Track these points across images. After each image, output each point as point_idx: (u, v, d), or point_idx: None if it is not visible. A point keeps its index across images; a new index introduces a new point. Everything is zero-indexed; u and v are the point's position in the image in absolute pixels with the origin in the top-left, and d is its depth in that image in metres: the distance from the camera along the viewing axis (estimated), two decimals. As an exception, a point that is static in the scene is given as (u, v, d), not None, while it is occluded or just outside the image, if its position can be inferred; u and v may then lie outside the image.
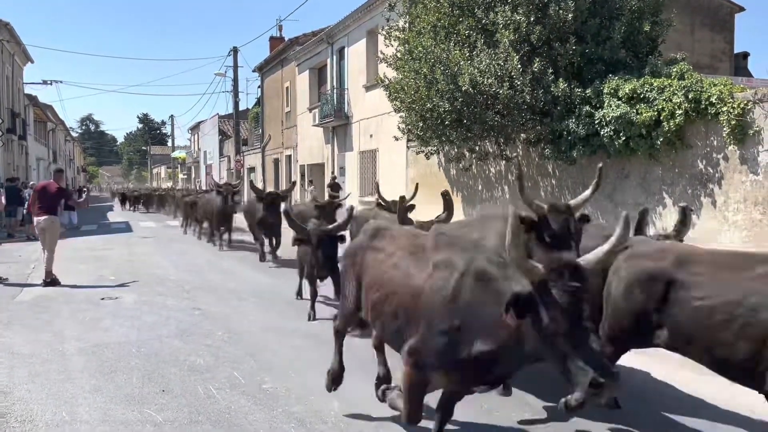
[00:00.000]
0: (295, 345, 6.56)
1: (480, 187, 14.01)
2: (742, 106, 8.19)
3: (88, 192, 22.04)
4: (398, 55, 13.03)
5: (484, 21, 10.96)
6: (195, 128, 51.47)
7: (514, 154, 12.48)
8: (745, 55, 18.50)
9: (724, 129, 8.42)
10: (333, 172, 21.88)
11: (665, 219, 9.48)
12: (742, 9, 17.61)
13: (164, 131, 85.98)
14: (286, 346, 6.53)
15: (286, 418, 4.53)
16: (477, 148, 12.72)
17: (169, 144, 67.90)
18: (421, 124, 12.48)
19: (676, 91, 8.90)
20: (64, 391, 5.12)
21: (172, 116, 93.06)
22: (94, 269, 12.22)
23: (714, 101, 8.51)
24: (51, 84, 29.95)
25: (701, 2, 16.55)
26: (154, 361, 5.92)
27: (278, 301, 9.10)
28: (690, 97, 8.76)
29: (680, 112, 8.80)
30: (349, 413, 4.63)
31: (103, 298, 9.26)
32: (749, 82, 11.82)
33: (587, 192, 5.17)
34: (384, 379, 4.64)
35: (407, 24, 12.98)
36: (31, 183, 23.25)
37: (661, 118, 9.02)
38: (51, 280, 10.33)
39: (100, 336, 6.95)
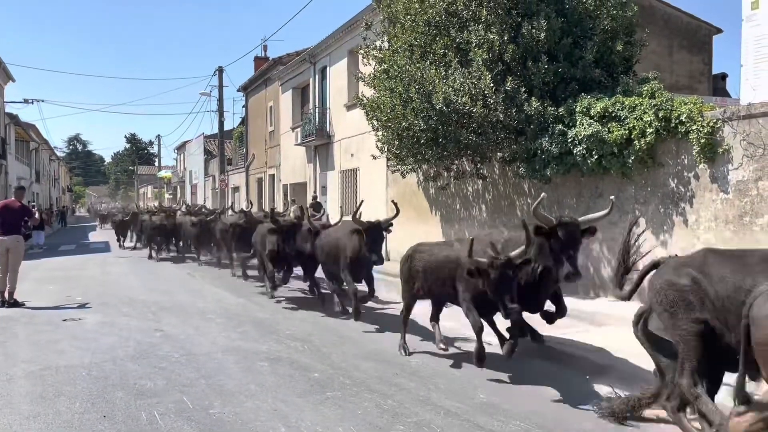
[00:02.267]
0: (252, 368, 6.35)
1: (458, 206, 13.90)
2: (711, 124, 8.14)
3: (40, 212, 22.01)
4: (375, 74, 12.99)
5: (458, 40, 10.93)
6: (181, 148, 51.30)
7: (491, 172, 12.41)
8: (723, 76, 18.66)
9: (695, 147, 8.35)
10: (314, 192, 21.74)
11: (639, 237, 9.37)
12: (720, 31, 17.77)
13: (151, 151, 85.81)
14: (242, 368, 6.33)
15: (226, 446, 4.32)
16: (454, 167, 12.63)
17: (156, 164, 67.66)
18: (397, 143, 12.39)
19: (646, 110, 8.85)
20: (2, 417, 4.89)
21: (158, 136, 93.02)
22: (62, 289, 11.98)
23: (684, 120, 8.46)
24: (32, 103, 29.79)
25: (679, 24, 16.69)
26: (101, 385, 5.69)
27: (245, 321, 8.88)
28: (660, 115, 8.71)
29: (651, 130, 8.74)
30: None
31: (65, 320, 9.03)
32: (723, 102, 11.84)
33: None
34: None
35: (384, 43, 12.96)
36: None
37: (632, 136, 8.95)
38: (13, 302, 10.07)
39: (53, 359, 6.71)
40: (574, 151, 9.67)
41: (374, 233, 8.24)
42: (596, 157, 9.42)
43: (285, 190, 25.39)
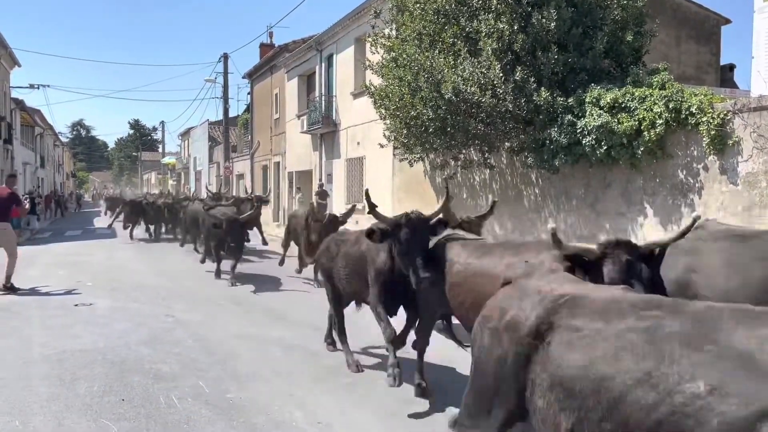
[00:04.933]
0: (265, 354, 6.44)
1: (465, 196, 13.94)
2: (721, 116, 8.16)
3: (32, 198, 22.22)
4: (383, 62, 12.98)
5: (467, 29, 10.92)
6: (185, 134, 51.27)
7: (498, 162, 12.44)
8: (731, 67, 18.57)
9: (704, 139, 8.38)
10: (320, 180, 21.77)
11: (646, 230, 9.44)
12: (728, 21, 17.68)
13: (155, 137, 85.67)
14: (256, 354, 6.41)
15: (246, 429, 4.40)
16: (461, 156, 12.66)
17: (160, 150, 67.66)
18: (405, 132, 12.41)
19: (656, 101, 8.87)
20: (22, 399, 4.98)
21: (162, 122, 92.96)
22: (72, 275, 12.06)
23: (694, 111, 8.48)
24: (38, 88, 29.80)
25: (687, 14, 16.60)
26: (118, 369, 5.78)
27: (255, 308, 8.98)
28: (670, 107, 8.72)
29: (661, 121, 8.76)
30: (311, 423, 4.51)
31: (77, 304, 9.12)
32: (732, 93, 11.82)
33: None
34: None
35: (393, 31, 12.93)
36: (14, 188, 22.95)
37: (642, 127, 8.97)
38: (10, 287, 10.14)
39: (68, 343, 6.80)
40: (583, 142, 9.69)
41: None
42: (605, 147, 9.44)
43: (290, 178, 25.43)
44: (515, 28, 10.26)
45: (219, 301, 9.50)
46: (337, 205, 19.33)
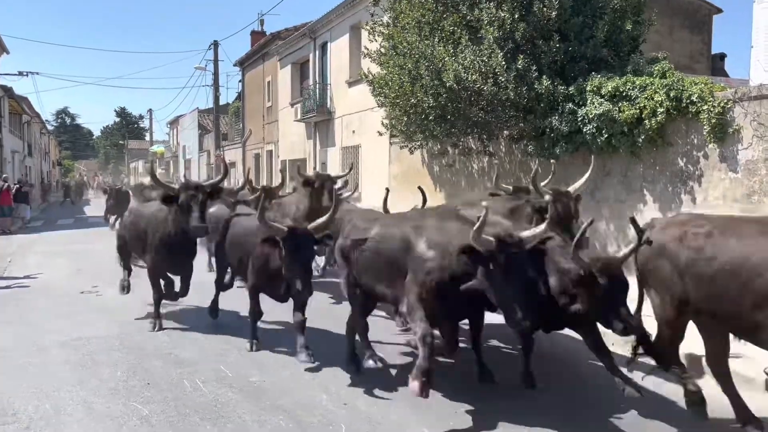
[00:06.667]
0: (281, 338, 6.51)
1: (463, 183, 14.05)
2: (722, 105, 8.31)
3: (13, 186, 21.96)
4: (382, 50, 13.01)
5: (468, 17, 10.97)
6: (174, 122, 50.87)
7: (497, 150, 12.55)
8: (722, 57, 18.81)
9: (705, 127, 8.53)
10: (315, 168, 21.77)
11: (646, 217, 9.59)
12: (720, 11, 17.89)
13: (142, 125, 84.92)
14: (272, 338, 6.49)
15: (274, 411, 4.50)
16: (461, 144, 12.76)
17: (147, 138, 67.05)
18: (406, 119, 12.48)
19: (657, 90, 9.00)
20: (47, 384, 5.05)
21: (150, 110, 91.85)
22: (71, 263, 12.06)
23: (695, 100, 8.62)
24: (27, 75, 29.40)
25: (680, 3, 16.77)
26: (137, 355, 5.85)
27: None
28: (671, 95, 8.86)
29: (662, 110, 8.90)
30: (338, 405, 4.62)
31: (82, 292, 9.15)
32: (728, 81, 12.01)
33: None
34: None
35: (392, 19, 12.95)
36: (5, 176, 22.79)
37: (643, 116, 9.11)
38: None
39: (80, 330, 6.85)
40: (584, 130, 9.82)
41: None
42: (606, 136, 9.57)
43: (283, 166, 25.36)
44: (516, 16, 10.33)
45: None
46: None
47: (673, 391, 4.75)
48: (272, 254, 5.19)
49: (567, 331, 4.99)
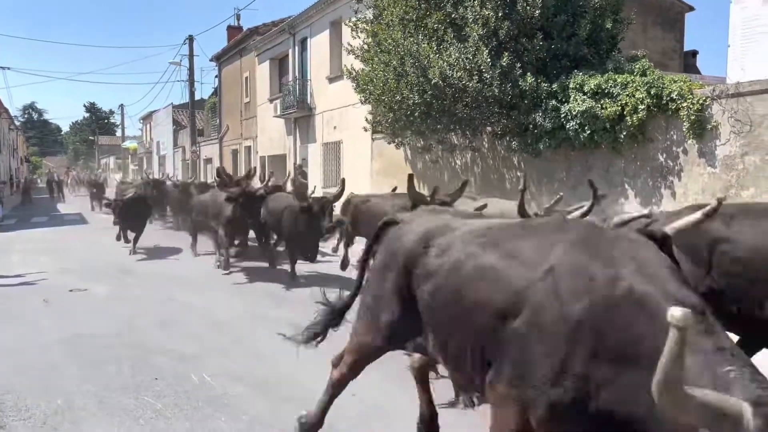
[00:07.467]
0: (279, 332, 6.60)
1: (446, 179, 14.23)
2: (701, 102, 8.63)
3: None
4: (366, 47, 13.12)
5: (453, 15, 11.15)
6: (147, 118, 50.17)
7: (480, 146, 12.76)
8: (694, 53, 19.29)
9: (684, 124, 8.84)
10: (296, 161, 21.79)
11: (627, 211, 9.89)
12: (691, 8, 18.36)
13: (113, 121, 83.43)
14: (270, 333, 6.55)
15: (286, 403, 4.61)
16: (446, 140, 12.95)
17: (119, 134, 66.01)
18: (391, 116, 12.62)
19: (638, 87, 9.29)
20: (55, 380, 5.08)
21: (122, 105, 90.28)
22: (54, 261, 11.94)
23: (674, 97, 8.92)
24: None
25: (653, 1, 17.17)
26: (140, 351, 5.90)
27: (254, 290, 9.13)
28: (652, 93, 9.15)
29: (642, 107, 9.19)
30: (347, 395, 4.74)
31: (71, 290, 9.10)
32: (702, 79, 12.39)
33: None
34: None
35: (375, 16, 13.06)
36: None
37: (625, 112, 9.39)
38: None
39: (78, 328, 6.85)
40: (567, 126, 10.08)
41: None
42: (588, 132, 9.85)
43: (262, 162, 25.32)
44: (500, 14, 10.53)
45: (215, 283, 9.60)
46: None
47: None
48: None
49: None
